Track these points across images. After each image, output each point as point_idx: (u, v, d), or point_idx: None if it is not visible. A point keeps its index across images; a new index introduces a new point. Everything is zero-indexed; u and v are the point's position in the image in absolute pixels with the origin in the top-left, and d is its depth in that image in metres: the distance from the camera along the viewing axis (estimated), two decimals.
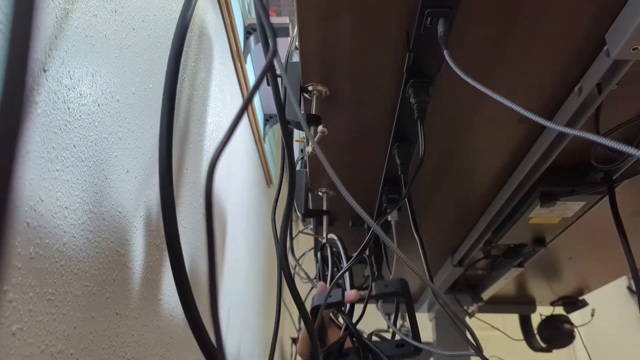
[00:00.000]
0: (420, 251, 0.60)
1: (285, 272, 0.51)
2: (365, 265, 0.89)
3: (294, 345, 2.29)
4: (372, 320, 0.91)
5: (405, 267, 1.06)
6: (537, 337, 1.46)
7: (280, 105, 0.55)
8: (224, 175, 0.95)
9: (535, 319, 1.47)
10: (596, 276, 1.18)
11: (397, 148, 0.64)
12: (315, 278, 0.99)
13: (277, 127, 1.68)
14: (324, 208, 0.85)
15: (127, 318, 0.48)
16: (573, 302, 1.36)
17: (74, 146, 0.39)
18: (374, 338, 0.96)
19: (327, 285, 0.68)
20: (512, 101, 0.38)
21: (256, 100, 1.43)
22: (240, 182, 1.15)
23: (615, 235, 0.63)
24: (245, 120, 1.25)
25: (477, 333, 0.54)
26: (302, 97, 0.60)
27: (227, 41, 0.97)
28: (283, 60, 0.64)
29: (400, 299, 0.67)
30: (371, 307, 0.76)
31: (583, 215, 0.76)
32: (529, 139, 0.64)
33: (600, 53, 0.49)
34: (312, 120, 0.58)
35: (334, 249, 0.82)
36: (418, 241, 0.61)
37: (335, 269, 0.86)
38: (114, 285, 0.46)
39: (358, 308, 0.70)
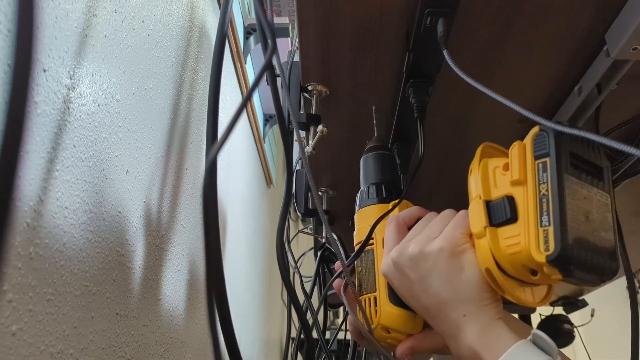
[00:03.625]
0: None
1: (283, 274, 0.51)
2: None
3: (292, 345, 2.29)
4: None
5: None
6: None
7: (279, 104, 0.55)
8: (223, 175, 0.95)
9: (535, 319, 1.47)
10: None
11: (397, 148, 0.64)
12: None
13: (277, 127, 1.68)
14: (324, 208, 0.85)
15: (127, 318, 0.48)
16: (573, 302, 1.36)
17: (74, 146, 0.39)
18: None
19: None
20: (511, 101, 0.38)
21: (256, 101, 1.43)
22: (240, 182, 1.15)
23: None
24: (244, 121, 1.25)
25: None
26: (302, 97, 0.60)
27: (227, 41, 0.97)
28: (285, 60, 0.64)
29: None
30: None
31: None
32: None
33: (600, 53, 0.49)
34: (312, 120, 0.59)
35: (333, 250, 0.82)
36: None
37: (333, 268, 0.86)
38: (114, 285, 0.46)
39: None
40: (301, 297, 0.99)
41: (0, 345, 0.30)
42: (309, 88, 0.58)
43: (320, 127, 0.58)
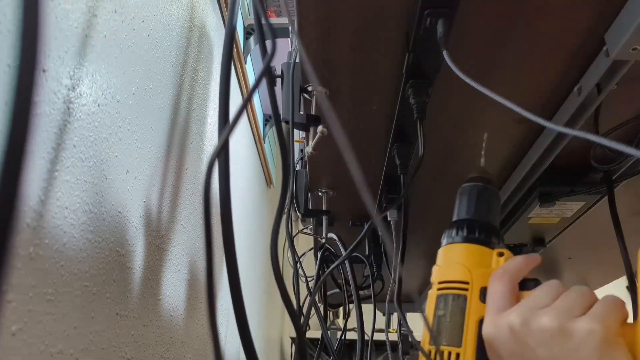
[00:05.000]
0: (400, 254, 0.61)
1: (275, 274, 0.51)
2: (364, 265, 0.89)
3: (293, 345, 2.29)
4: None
5: (405, 266, 1.06)
6: None
7: (276, 106, 0.55)
8: None
9: None
10: (596, 276, 1.17)
11: (397, 148, 0.64)
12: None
13: None
14: (324, 208, 0.85)
15: (127, 318, 0.48)
16: None
17: (74, 146, 0.39)
18: None
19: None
20: (511, 101, 0.38)
21: (256, 101, 1.43)
22: (240, 182, 1.15)
23: (615, 235, 0.64)
24: (245, 121, 1.25)
25: None
26: (302, 97, 0.60)
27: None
28: (286, 60, 0.64)
29: None
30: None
31: (583, 215, 0.76)
32: (528, 139, 0.64)
33: (599, 53, 0.49)
34: (312, 121, 0.59)
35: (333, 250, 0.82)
36: (401, 244, 0.62)
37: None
38: (114, 285, 0.46)
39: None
40: (301, 298, 0.99)
41: (0, 346, 0.30)
42: (309, 88, 0.58)
43: (320, 128, 0.58)
